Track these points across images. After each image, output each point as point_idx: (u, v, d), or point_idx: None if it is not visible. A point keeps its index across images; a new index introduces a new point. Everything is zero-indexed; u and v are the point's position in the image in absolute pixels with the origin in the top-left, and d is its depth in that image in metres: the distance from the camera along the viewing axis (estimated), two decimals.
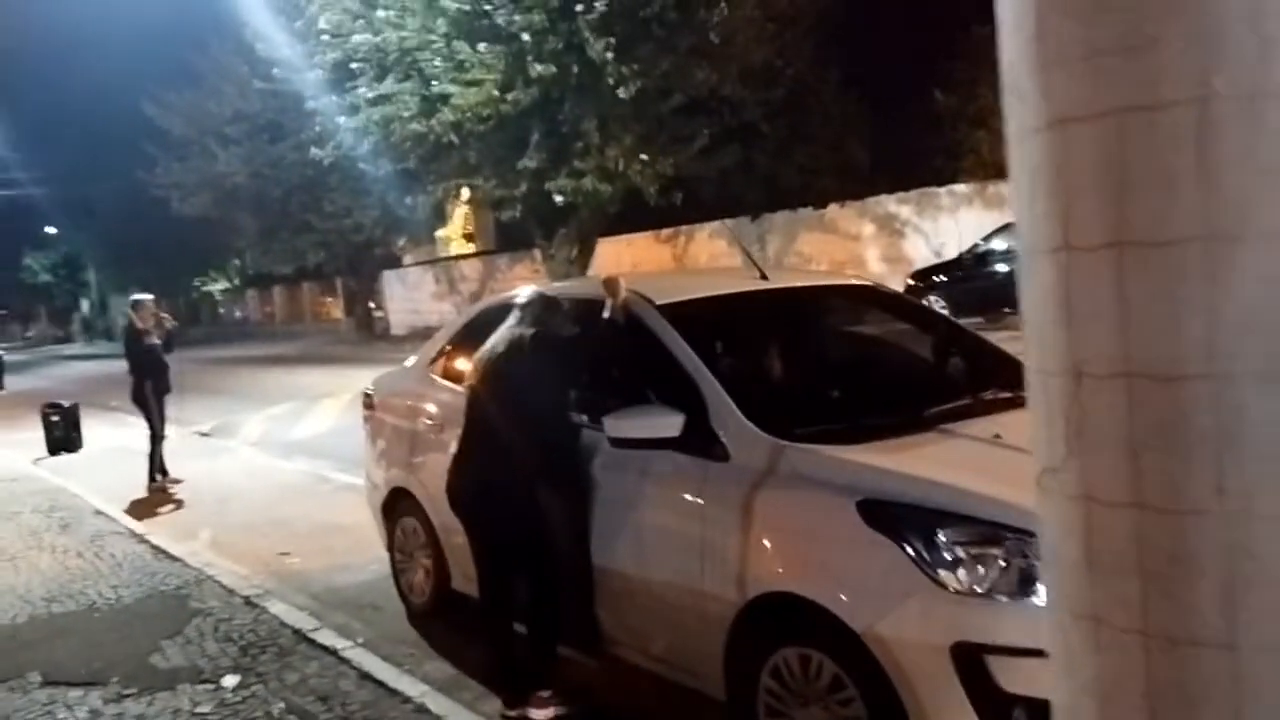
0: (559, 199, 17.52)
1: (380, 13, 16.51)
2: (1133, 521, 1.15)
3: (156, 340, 9.98)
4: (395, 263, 36.33)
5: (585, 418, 4.32)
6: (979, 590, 3.00)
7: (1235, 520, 1.10)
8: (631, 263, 24.70)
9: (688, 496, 3.80)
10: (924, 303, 12.62)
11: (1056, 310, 1.22)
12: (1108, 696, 1.20)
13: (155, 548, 7.30)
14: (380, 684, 4.55)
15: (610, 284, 4.40)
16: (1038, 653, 1.48)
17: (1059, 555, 1.25)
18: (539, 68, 15.74)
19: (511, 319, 4.32)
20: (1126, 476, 1.16)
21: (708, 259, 23.91)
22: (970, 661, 2.95)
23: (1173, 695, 1.14)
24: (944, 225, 20.21)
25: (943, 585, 3.02)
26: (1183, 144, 1.10)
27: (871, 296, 5.41)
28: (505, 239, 31.17)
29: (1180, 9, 1.08)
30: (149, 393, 9.92)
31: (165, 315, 10.58)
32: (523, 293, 4.51)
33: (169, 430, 10.40)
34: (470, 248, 35.35)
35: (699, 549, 3.70)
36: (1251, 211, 1.08)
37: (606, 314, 4.29)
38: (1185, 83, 1.09)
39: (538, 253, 21.39)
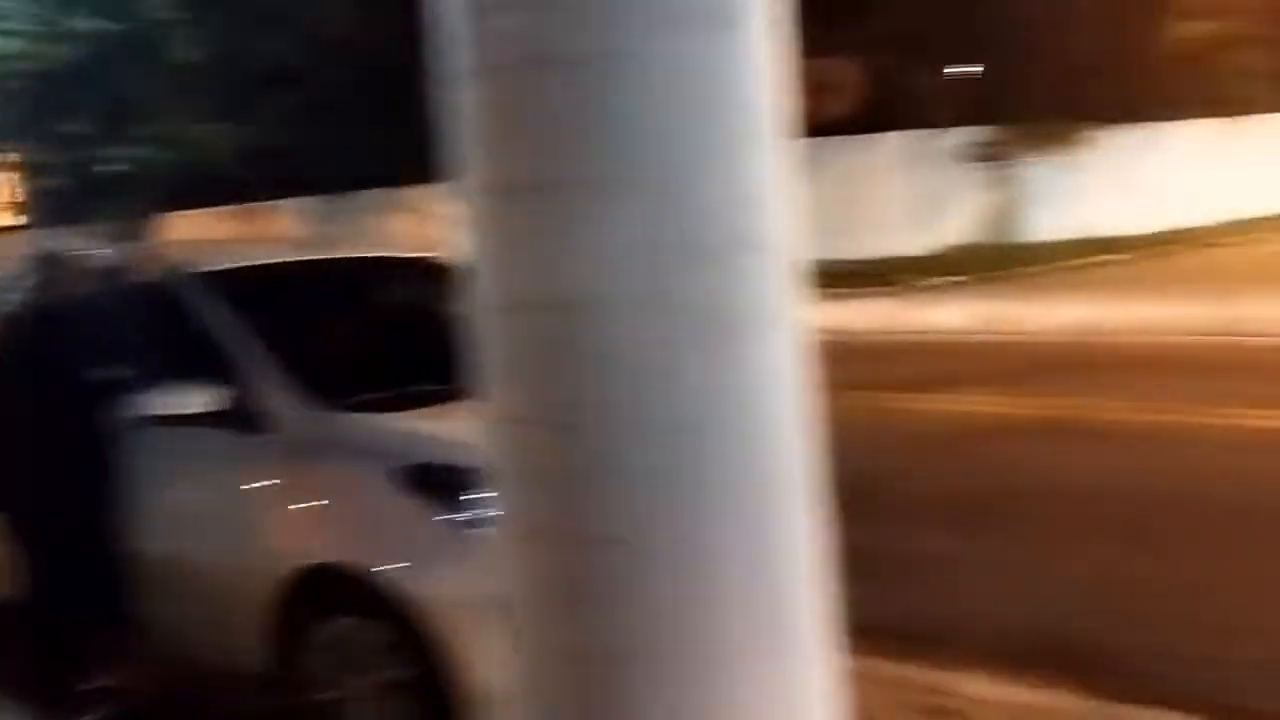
0: (113, 168, 16.12)
1: None
2: (538, 436, 1.33)
3: None
4: None
5: (116, 395, 4.03)
6: None
7: (610, 430, 1.29)
8: (204, 238, 23.20)
9: (227, 473, 3.71)
10: None
11: (480, 250, 1.38)
12: (527, 594, 1.39)
13: None
14: None
15: (143, 251, 4.16)
16: None
17: (494, 473, 1.41)
18: (84, 24, 14.34)
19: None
20: (530, 398, 1.34)
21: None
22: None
23: (581, 588, 1.33)
24: None
25: (470, 543, 3.16)
26: (566, 97, 1.26)
27: (428, 270, 5.46)
28: (55, 212, 28.06)
29: None
30: None
31: None
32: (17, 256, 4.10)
33: None
34: (18, 221, 31.43)
35: (240, 526, 3.62)
36: (619, 161, 1.26)
37: (137, 282, 4.04)
38: (569, 39, 1.25)
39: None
